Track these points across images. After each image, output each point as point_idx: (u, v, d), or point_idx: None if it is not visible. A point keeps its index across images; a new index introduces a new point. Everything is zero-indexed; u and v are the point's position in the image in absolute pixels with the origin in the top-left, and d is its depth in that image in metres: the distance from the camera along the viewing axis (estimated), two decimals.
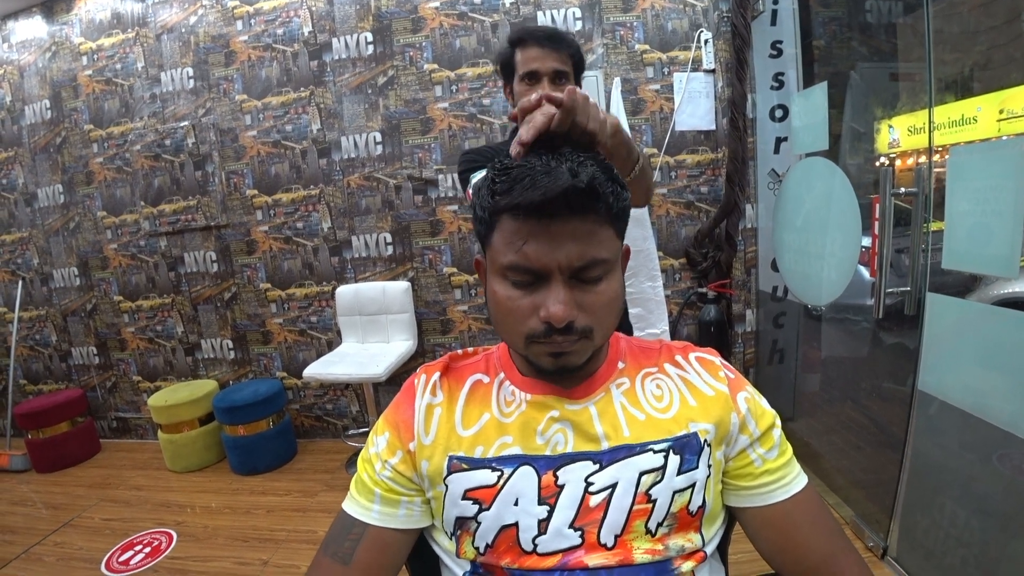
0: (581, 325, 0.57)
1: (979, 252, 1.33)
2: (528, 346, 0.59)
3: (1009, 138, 2.27)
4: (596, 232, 0.56)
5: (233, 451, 2.64)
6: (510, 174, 0.55)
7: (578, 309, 0.56)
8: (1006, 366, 1.30)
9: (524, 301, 0.57)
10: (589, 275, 0.56)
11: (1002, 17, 2.23)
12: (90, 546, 2.11)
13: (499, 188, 0.55)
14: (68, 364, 3.20)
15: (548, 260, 0.54)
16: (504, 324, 0.60)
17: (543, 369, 0.61)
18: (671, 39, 2.45)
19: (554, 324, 0.55)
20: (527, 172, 0.54)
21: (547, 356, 0.59)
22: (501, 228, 0.57)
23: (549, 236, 0.54)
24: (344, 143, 2.66)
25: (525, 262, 0.55)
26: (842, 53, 2.52)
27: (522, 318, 0.57)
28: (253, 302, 2.89)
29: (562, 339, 0.57)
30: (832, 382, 2.59)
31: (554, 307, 0.54)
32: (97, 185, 2.92)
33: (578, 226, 0.54)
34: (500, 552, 0.60)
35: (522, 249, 0.55)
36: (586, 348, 0.59)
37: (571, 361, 0.59)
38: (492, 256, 0.59)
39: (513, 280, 0.57)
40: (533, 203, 0.52)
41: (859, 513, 1.86)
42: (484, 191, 0.58)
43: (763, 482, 0.64)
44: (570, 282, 0.56)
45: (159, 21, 2.72)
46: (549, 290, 0.55)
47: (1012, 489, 1.34)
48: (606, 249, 0.57)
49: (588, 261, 0.55)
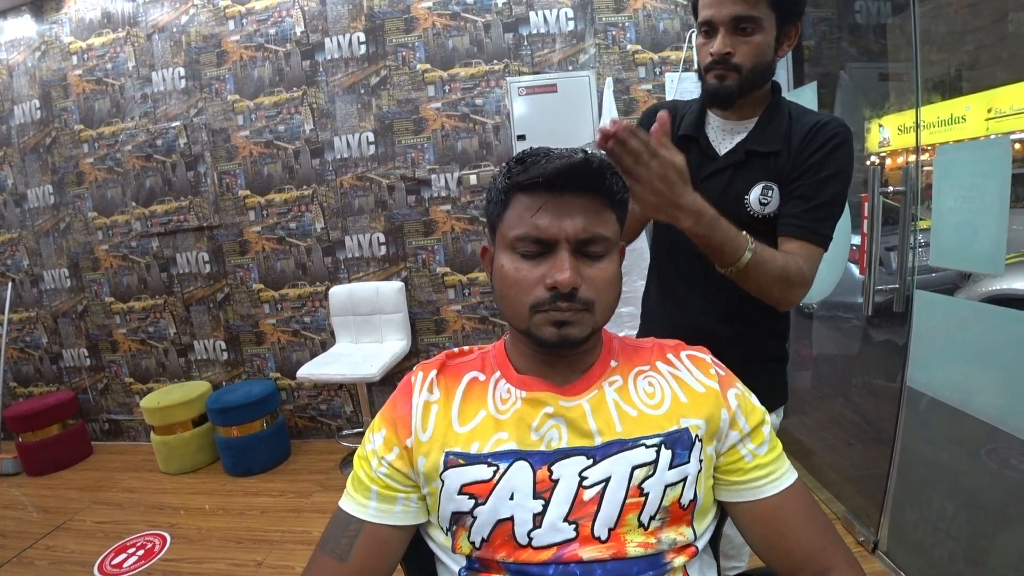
0: (584, 296, 0.61)
1: (965, 250, 1.35)
2: (532, 316, 0.62)
3: (993, 137, 2.30)
4: (601, 212, 0.62)
5: (227, 452, 2.63)
6: (526, 160, 0.61)
7: (582, 280, 0.60)
8: (993, 362, 1.32)
9: (531, 271, 0.61)
10: (593, 250, 0.61)
11: (989, 17, 2.26)
12: (82, 549, 2.10)
13: (515, 171, 0.62)
14: (59, 366, 3.17)
15: (556, 230, 0.60)
16: (509, 296, 0.63)
17: (544, 341, 0.62)
18: (663, 39, 2.46)
19: (560, 288, 0.59)
20: (543, 155, 0.60)
21: (550, 326, 0.61)
22: (515, 204, 0.63)
23: (558, 207, 0.60)
24: (337, 143, 2.66)
25: (535, 231, 0.60)
26: (832, 53, 2.54)
27: (528, 288, 0.61)
28: (246, 303, 2.88)
29: (566, 306, 0.60)
30: (823, 379, 2.62)
31: (560, 273, 0.59)
32: (88, 185, 2.90)
33: (586, 202, 0.61)
34: (496, 546, 0.61)
35: (533, 219, 0.60)
36: (586, 321, 0.62)
37: (572, 333, 0.61)
38: (503, 232, 0.64)
39: (522, 252, 0.62)
40: (547, 173, 0.58)
41: (850, 508, 1.88)
42: (501, 176, 0.64)
43: (753, 477, 0.65)
44: (575, 254, 0.61)
45: (150, 20, 2.70)
46: (556, 259, 0.60)
47: (999, 483, 1.36)
48: (609, 229, 0.62)
49: (593, 235, 0.60)
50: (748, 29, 0.87)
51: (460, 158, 2.59)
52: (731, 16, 0.86)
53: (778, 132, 0.94)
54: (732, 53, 0.88)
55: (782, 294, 0.87)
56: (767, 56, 0.90)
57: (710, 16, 0.88)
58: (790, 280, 0.85)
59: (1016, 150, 2.34)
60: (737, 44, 0.88)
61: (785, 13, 0.88)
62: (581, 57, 2.49)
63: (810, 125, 0.92)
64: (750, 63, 0.89)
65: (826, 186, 0.89)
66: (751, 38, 0.87)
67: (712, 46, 0.89)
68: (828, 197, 0.89)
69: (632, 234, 1.04)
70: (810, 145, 0.90)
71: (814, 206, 0.89)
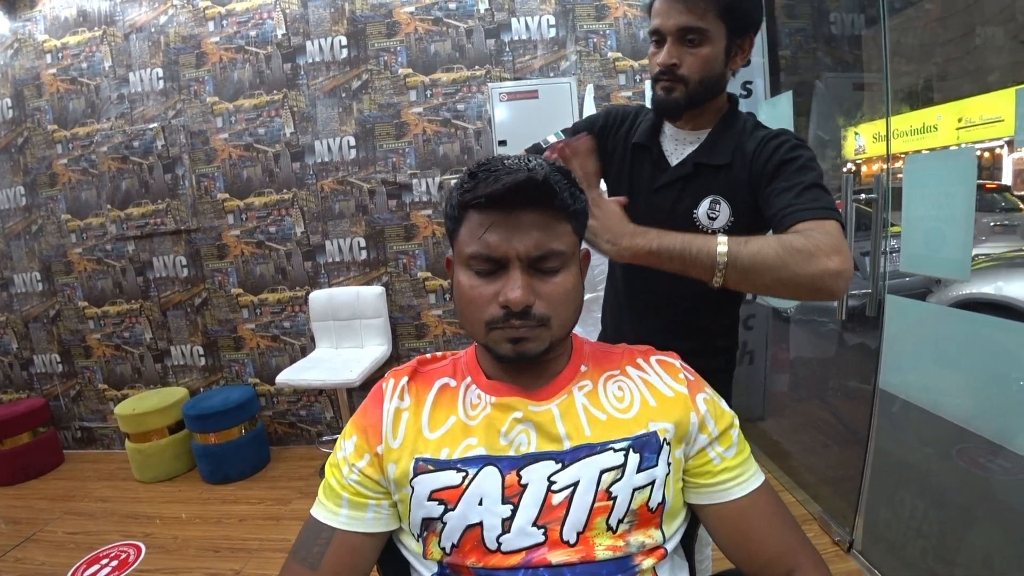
0: (539, 312, 0.60)
1: (934, 255, 1.39)
2: (488, 333, 0.62)
3: (959, 147, 2.36)
4: (553, 225, 0.61)
5: (204, 460, 2.58)
6: (477, 175, 0.60)
7: (536, 297, 0.60)
8: (960, 364, 1.36)
9: (485, 289, 0.61)
10: (546, 265, 0.61)
11: (957, 31, 2.33)
12: (53, 561, 2.04)
13: (467, 187, 0.60)
14: (29, 372, 3.09)
15: (507, 248, 0.59)
16: (466, 312, 0.63)
17: (503, 357, 0.63)
18: (643, 47, 2.49)
19: (512, 308, 0.59)
20: (492, 171, 0.59)
21: (506, 343, 0.61)
22: (467, 221, 0.62)
23: (508, 226, 0.59)
24: (318, 147, 2.64)
25: (486, 250, 0.59)
26: (807, 63, 2.59)
27: (483, 305, 0.61)
28: (224, 307, 2.84)
29: (520, 323, 0.60)
30: (800, 382, 2.66)
31: (512, 292, 0.59)
32: (61, 187, 2.83)
33: (536, 218, 0.60)
34: (466, 552, 0.61)
35: (483, 237, 0.59)
36: (543, 336, 0.62)
37: (529, 348, 0.61)
38: (459, 249, 0.64)
39: (476, 269, 0.61)
40: (495, 193, 0.57)
41: (826, 508, 1.91)
42: (454, 191, 0.63)
43: (721, 480, 0.66)
44: (528, 271, 0.60)
45: (127, 20, 2.66)
46: (508, 277, 0.60)
47: (968, 482, 1.39)
48: (563, 242, 0.62)
49: (545, 251, 0.60)
50: (695, 40, 0.85)
51: (441, 163, 2.59)
52: (678, 26, 0.85)
53: (729, 145, 0.92)
54: (678, 64, 0.87)
55: (814, 269, 0.69)
56: (716, 69, 0.88)
57: (658, 25, 0.87)
58: (808, 251, 0.69)
59: (986, 159, 2.41)
60: (684, 55, 0.87)
61: (736, 25, 0.87)
62: (562, 64, 2.52)
63: (763, 136, 0.90)
64: (697, 75, 0.87)
65: (805, 172, 0.83)
66: (698, 50, 0.86)
67: (660, 56, 0.88)
68: (812, 180, 0.82)
69: None
70: (766, 151, 0.87)
71: (801, 189, 0.81)
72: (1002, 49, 2.05)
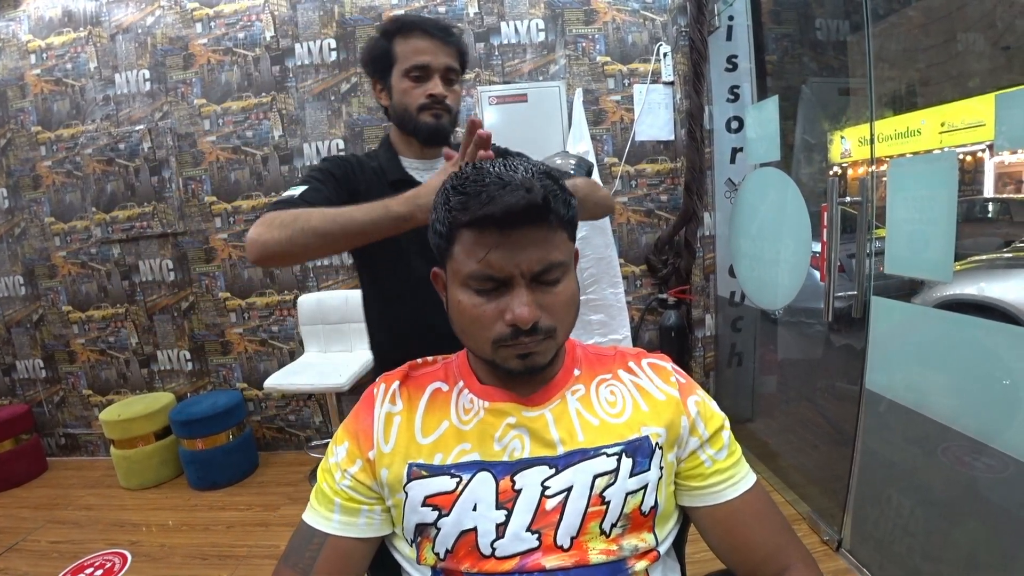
0: (545, 325, 0.60)
1: (917, 257, 1.41)
2: (496, 351, 0.61)
3: (942, 151, 2.41)
4: (551, 238, 0.60)
5: (191, 466, 2.55)
6: (466, 191, 0.58)
7: (541, 310, 0.59)
8: (944, 364, 1.38)
9: (489, 307, 0.60)
10: (548, 277, 0.60)
11: (940, 37, 2.38)
12: (37, 572, 2.00)
13: (456, 204, 0.58)
14: (12, 378, 3.03)
15: (510, 267, 0.58)
16: (470, 331, 0.62)
17: (512, 371, 0.62)
18: (631, 52, 2.51)
19: (521, 326, 0.58)
20: (482, 187, 0.57)
21: (515, 358, 0.61)
22: (462, 241, 0.59)
23: (509, 245, 0.57)
24: (307, 150, 2.62)
25: (488, 270, 0.58)
26: (794, 68, 2.63)
27: (488, 323, 0.60)
28: (212, 311, 2.81)
29: (528, 340, 0.59)
30: (788, 383, 2.69)
31: (519, 310, 0.57)
32: (45, 190, 2.79)
33: (536, 234, 0.58)
34: (460, 557, 0.61)
35: (485, 258, 0.57)
36: (550, 347, 0.62)
37: (537, 361, 0.62)
38: (454, 268, 0.62)
39: (477, 288, 0.60)
40: (494, 217, 0.56)
41: (815, 508, 1.93)
42: (441, 208, 0.61)
43: (713, 482, 0.67)
44: (531, 285, 0.59)
45: (114, 20, 2.63)
46: (513, 294, 0.58)
47: (953, 480, 1.41)
48: (561, 252, 0.61)
49: (547, 265, 0.59)
50: (453, 80, 1.08)
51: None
52: (445, 66, 1.05)
53: None
54: (447, 96, 1.06)
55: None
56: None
57: (427, 62, 1.03)
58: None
59: (967, 163, 2.46)
60: (448, 91, 1.06)
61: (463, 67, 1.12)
62: (551, 68, 2.53)
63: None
64: (455, 107, 1.10)
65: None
66: (454, 87, 1.09)
67: (427, 88, 1.04)
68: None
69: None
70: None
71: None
72: (983, 55, 2.10)
